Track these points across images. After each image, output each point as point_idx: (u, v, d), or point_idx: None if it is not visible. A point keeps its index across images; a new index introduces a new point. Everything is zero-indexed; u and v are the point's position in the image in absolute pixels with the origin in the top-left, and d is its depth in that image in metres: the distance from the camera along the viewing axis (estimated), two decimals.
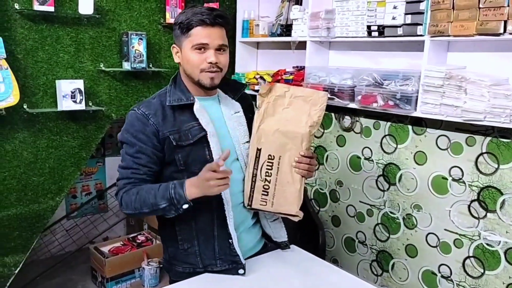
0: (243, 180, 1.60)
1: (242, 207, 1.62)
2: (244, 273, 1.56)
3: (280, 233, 1.72)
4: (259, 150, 1.55)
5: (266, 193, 1.56)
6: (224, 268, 1.57)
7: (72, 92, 2.33)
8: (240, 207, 1.61)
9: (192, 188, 1.39)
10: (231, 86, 1.67)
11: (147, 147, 1.48)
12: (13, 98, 2.07)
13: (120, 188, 1.51)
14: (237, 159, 1.60)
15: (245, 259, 1.61)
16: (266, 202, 1.57)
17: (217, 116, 1.58)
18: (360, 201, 2.60)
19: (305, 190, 2.87)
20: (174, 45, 1.55)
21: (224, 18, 1.50)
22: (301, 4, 2.71)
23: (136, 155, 1.49)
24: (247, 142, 1.60)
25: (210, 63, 1.47)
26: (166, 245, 1.66)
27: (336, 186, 2.73)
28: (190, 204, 1.41)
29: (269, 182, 1.56)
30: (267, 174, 1.55)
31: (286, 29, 2.73)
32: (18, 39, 2.24)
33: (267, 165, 1.55)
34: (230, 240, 1.55)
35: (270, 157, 1.55)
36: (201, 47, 1.46)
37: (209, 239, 1.57)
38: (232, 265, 1.56)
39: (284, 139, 1.53)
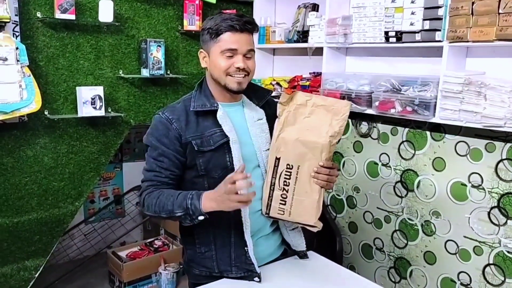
0: (262, 188, 1.60)
1: (261, 214, 1.62)
2: (260, 281, 1.56)
3: (298, 242, 1.70)
4: (278, 159, 1.54)
5: (283, 203, 1.54)
6: (239, 275, 1.58)
7: (92, 99, 2.36)
8: (258, 214, 1.61)
9: (209, 201, 1.38)
10: (257, 92, 1.68)
11: (170, 151, 1.50)
12: (35, 105, 2.11)
13: (143, 189, 1.53)
14: (258, 166, 1.61)
15: (263, 265, 1.62)
16: (283, 211, 1.55)
17: (240, 122, 1.59)
18: (377, 208, 2.59)
19: None
20: (201, 50, 1.56)
21: (253, 24, 1.52)
22: (317, 11, 2.72)
23: (159, 159, 1.51)
24: (268, 149, 1.59)
25: (238, 68, 1.48)
26: (186, 247, 1.69)
27: (353, 192, 2.72)
28: (206, 216, 1.41)
29: (287, 191, 1.53)
30: (285, 183, 1.53)
31: (303, 35, 2.74)
32: (40, 46, 2.28)
33: (285, 175, 1.53)
34: (245, 248, 1.55)
35: (288, 166, 1.52)
36: (230, 53, 1.48)
37: (225, 245, 1.58)
38: (247, 273, 1.56)
39: (304, 148, 1.50)
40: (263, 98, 1.66)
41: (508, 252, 2.03)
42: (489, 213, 2.08)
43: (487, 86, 1.83)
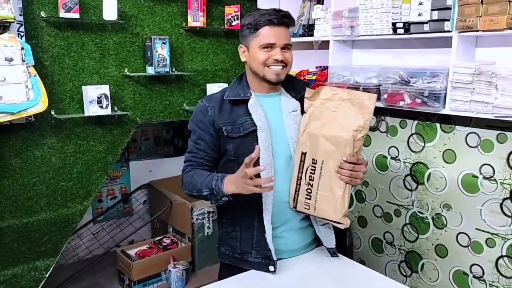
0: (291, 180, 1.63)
1: (289, 206, 1.65)
2: (275, 270, 1.58)
3: (329, 238, 1.70)
4: (304, 153, 1.55)
5: (309, 197, 1.55)
6: (257, 260, 1.62)
7: (98, 98, 2.35)
8: (286, 205, 1.65)
9: (230, 184, 1.46)
10: (295, 84, 1.73)
11: (205, 135, 1.63)
12: (41, 105, 2.09)
13: (183, 169, 1.66)
14: (291, 157, 1.63)
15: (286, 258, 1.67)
16: (309, 206, 1.56)
17: (275, 112, 1.65)
18: (387, 201, 2.57)
19: None
20: (241, 45, 1.65)
21: (290, 18, 1.60)
22: (323, 4, 2.69)
23: (197, 141, 1.64)
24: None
25: (276, 60, 1.55)
26: (218, 227, 1.81)
27: (362, 187, 2.70)
28: (230, 198, 1.49)
29: (312, 186, 1.54)
30: (310, 178, 1.54)
31: (308, 29, 2.72)
32: (45, 46, 2.27)
33: (311, 169, 1.53)
34: (265, 234, 1.59)
35: (313, 161, 1.53)
36: (268, 46, 1.55)
37: (249, 228, 1.64)
38: (265, 260, 1.60)
39: (329, 144, 1.49)
40: (301, 91, 1.68)
41: None
42: (501, 204, 2.06)
43: (498, 75, 1.81)
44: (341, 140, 1.47)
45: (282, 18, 1.55)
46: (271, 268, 1.58)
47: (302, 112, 1.64)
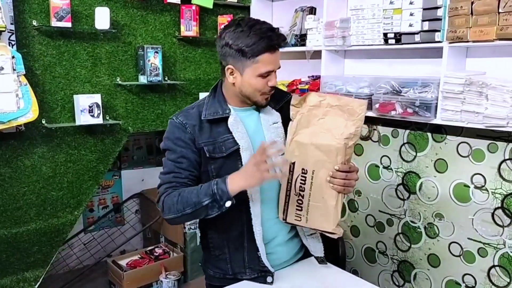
0: (279, 194, 1.56)
1: (276, 221, 1.59)
2: (272, 281, 1.56)
3: (316, 248, 1.68)
4: (292, 163, 1.48)
5: (300, 208, 1.49)
6: (253, 276, 1.58)
7: (89, 107, 2.34)
8: (273, 221, 1.59)
9: (236, 180, 1.37)
10: (275, 95, 1.62)
11: (188, 152, 1.51)
12: (32, 114, 2.08)
13: (161, 193, 1.50)
14: (274, 171, 1.57)
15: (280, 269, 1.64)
16: (300, 217, 1.50)
17: (255, 127, 1.58)
18: (379, 211, 2.57)
19: None
20: (229, 66, 1.48)
21: (285, 39, 1.53)
22: (315, 14, 2.71)
23: (178, 160, 1.51)
24: (283, 154, 1.51)
25: (271, 86, 1.49)
26: (202, 249, 1.72)
27: (355, 196, 2.70)
28: (233, 201, 1.38)
29: (303, 197, 1.48)
30: (301, 188, 1.48)
31: (301, 39, 2.73)
32: (36, 55, 2.26)
33: (301, 180, 1.47)
34: (258, 253, 1.55)
35: (303, 171, 1.46)
36: (267, 74, 1.47)
37: (238, 249, 1.58)
38: (261, 273, 1.57)
39: (318, 152, 1.43)
40: (281, 101, 1.62)
41: None
42: (493, 214, 2.06)
43: (488, 86, 1.82)
44: (332, 149, 1.42)
45: (281, 42, 1.46)
46: (269, 279, 1.56)
47: (284, 122, 1.58)
